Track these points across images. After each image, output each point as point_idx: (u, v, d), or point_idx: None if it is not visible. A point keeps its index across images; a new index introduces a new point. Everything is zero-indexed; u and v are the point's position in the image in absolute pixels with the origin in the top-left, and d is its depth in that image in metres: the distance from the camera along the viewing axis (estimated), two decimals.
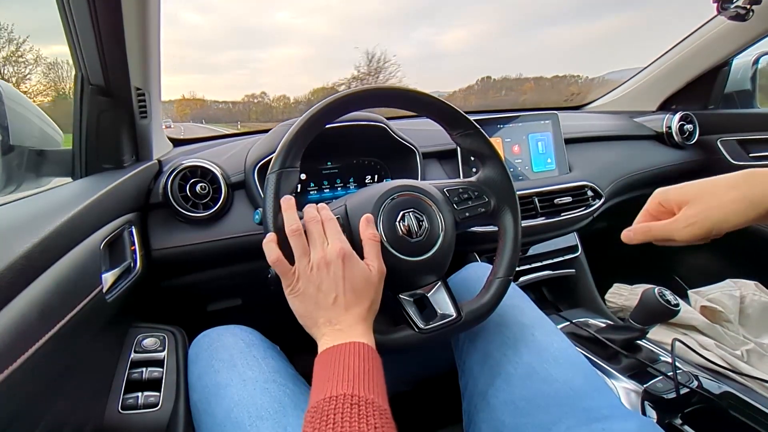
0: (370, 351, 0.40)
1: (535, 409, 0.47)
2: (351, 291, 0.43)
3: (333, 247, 0.43)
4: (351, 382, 0.35)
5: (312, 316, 0.43)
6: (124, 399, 0.55)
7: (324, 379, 0.37)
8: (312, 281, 0.42)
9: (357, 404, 0.33)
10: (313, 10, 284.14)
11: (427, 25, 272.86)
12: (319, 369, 0.38)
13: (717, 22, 1.11)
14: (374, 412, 0.33)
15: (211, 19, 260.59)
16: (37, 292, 0.38)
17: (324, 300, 0.42)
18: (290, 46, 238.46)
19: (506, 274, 0.53)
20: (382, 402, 0.35)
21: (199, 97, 13.53)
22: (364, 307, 0.43)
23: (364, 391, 0.34)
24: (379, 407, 0.34)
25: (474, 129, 0.56)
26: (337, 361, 0.38)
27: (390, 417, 0.34)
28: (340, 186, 0.86)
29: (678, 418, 0.65)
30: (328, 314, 0.42)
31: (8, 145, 0.59)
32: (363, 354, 0.39)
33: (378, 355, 0.41)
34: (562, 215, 0.93)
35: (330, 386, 0.35)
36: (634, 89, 1.38)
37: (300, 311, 0.44)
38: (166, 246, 0.68)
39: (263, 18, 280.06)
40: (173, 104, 12.68)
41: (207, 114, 10.58)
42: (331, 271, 0.42)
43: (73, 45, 0.58)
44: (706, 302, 0.87)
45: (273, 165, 0.47)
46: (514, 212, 0.56)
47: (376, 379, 0.37)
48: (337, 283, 0.42)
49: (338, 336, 0.41)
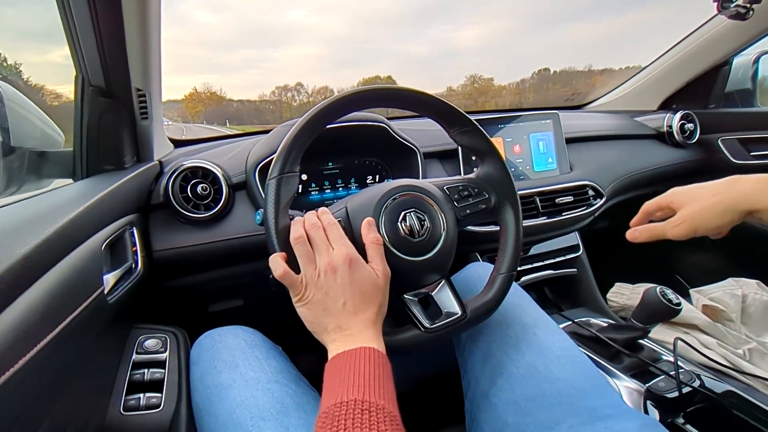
0: (380, 356, 0.39)
1: (538, 408, 0.47)
2: (359, 296, 0.42)
3: (338, 252, 0.43)
4: (362, 388, 0.35)
5: (321, 322, 0.42)
6: (126, 400, 0.55)
7: (335, 384, 0.36)
8: (320, 288, 0.42)
9: (368, 410, 0.33)
10: (326, 8, 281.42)
11: (441, 22, 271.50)
12: (329, 375, 0.38)
13: (717, 21, 1.11)
14: (385, 418, 0.33)
15: (224, 18, 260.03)
16: (39, 293, 0.38)
17: (333, 306, 0.42)
18: (302, 45, 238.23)
19: (509, 270, 0.53)
20: (392, 408, 0.35)
21: (214, 91, 12.01)
22: (373, 311, 0.43)
23: (375, 397, 0.34)
24: (389, 413, 0.34)
25: (471, 126, 0.56)
26: (347, 367, 0.37)
27: (400, 423, 0.34)
28: (341, 186, 0.86)
29: (680, 417, 0.65)
30: (338, 320, 0.42)
31: (9, 147, 0.59)
32: (374, 359, 0.38)
33: (388, 360, 0.40)
34: (564, 215, 0.93)
35: (340, 392, 0.35)
36: (634, 88, 1.38)
37: (309, 318, 0.43)
38: (168, 247, 0.68)
39: (276, 16, 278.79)
40: (179, 103, 11.60)
41: (226, 112, 9.70)
42: (338, 276, 0.42)
43: (74, 46, 0.58)
44: (707, 301, 0.87)
45: (272, 170, 0.46)
46: (515, 208, 0.56)
47: (386, 385, 0.37)
48: (345, 289, 0.42)
49: (348, 341, 0.40)
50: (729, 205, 0.48)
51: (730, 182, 0.50)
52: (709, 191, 0.50)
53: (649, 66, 1.33)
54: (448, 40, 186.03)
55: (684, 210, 0.52)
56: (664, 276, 1.32)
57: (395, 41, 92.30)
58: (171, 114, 12.65)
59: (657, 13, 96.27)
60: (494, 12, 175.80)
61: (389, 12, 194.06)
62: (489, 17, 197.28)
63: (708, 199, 0.50)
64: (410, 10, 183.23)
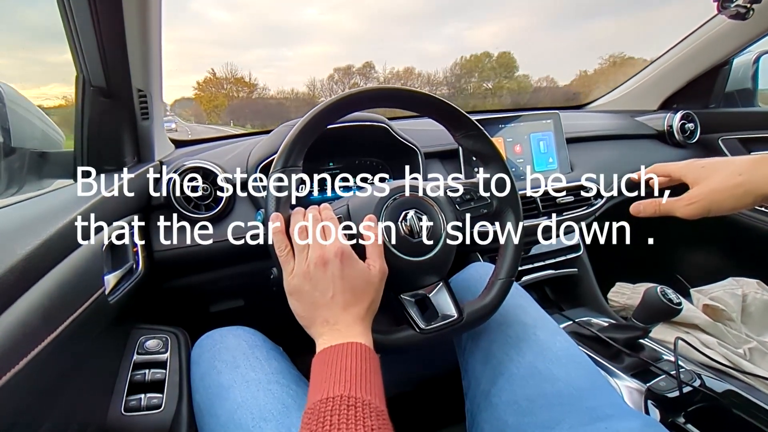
0: (367, 351, 0.39)
1: (538, 408, 0.47)
2: (350, 290, 0.42)
3: (332, 246, 0.43)
4: (348, 383, 0.35)
5: (310, 315, 0.43)
6: (127, 401, 0.55)
7: (321, 380, 0.36)
8: (309, 279, 0.42)
9: (354, 405, 0.33)
10: (340, 6, 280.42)
11: (457, 19, 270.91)
12: (316, 370, 0.38)
13: (717, 21, 1.11)
14: (371, 414, 0.33)
15: (239, 16, 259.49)
16: (40, 294, 0.38)
17: (321, 298, 0.42)
18: (317, 44, 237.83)
19: (508, 275, 0.53)
20: (379, 403, 0.35)
21: (241, 76, 8.82)
22: (363, 307, 0.43)
23: (361, 393, 0.34)
24: (376, 408, 0.34)
25: (477, 130, 0.56)
26: (334, 362, 0.37)
27: (387, 419, 0.34)
28: (342, 186, 0.86)
29: (681, 417, 0.65)
30: (326, 313, 0.42)
31: (10, 147, 0.59)
32: (361, 354, 0.38)
33: (376, 355, 0.40)
34: (564, 214, 0.94)
35: (326, 387, 0.35)
36: (635, 88, 1.38)
37: (298, 311, 0.43)
38: (168, 247, 0.68)
39: (291, 15, 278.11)
40: (192, 101, 10.77)
41: (260, 106, 7.76)
42: (329, 270, 0.42)
43: (75, 46, 0.58)
44: (708, 301, 0.87)
45: (275, 165, 0.47)
46: (516, 213, 0.56)
47: (373, 381, 0.37)
48: (335, 282, 0.42)
49: (336, 336, 0.40)
50: (750, 188, 0.43)
51: (753, 163, 0.44)
52: (731, 170, 0.44)
53: (649, 66, 1.33)
54: (464, 38, 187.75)
55: (699, 188, 0.46)
56: (664, 275, 1.32)
57: (410, 39, 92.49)
58: (185, 113, 11.78)
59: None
60: (512, 10, 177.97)
61: (404, 9, 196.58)
62: (505, 15, 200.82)
63: (729, 179, 0.44)
64: (426, 8, 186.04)
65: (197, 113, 9.73)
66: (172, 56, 25.95)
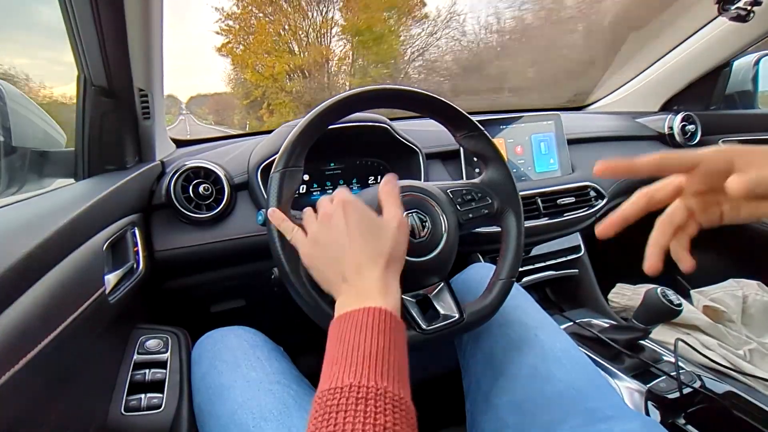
0: (387, 320, 0.34)
1: (539, 409, 0.47)
2: (358, 236, 0.39)
3: (336, 202, 0.42)
4: (360, 367, 0.30)
5: (326, 276, 0.41)
6: (127, 401, 0.55)
7: (332, 360, 0.32)
8: (316, 241, 0.42)
9: (365, 398, 0.29)
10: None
11: None
12: (330, 344, 0.34)
13: (718, 23, 1.11)
14: (385, 406, 0.28)
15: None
16: (40, 293, 0.38)
17: (333, 253, 0.40)
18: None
19: (509, 276, 0.53)
20: (397, 389, 0.30)
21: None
22: (380, 257, 0.39)
23: (374, 379, 0.30)
24: (392, 397, 0.29)
25: (478, 131, 0.56)
26: (346, 338, 0.33)
27: (407, 407, 0.30)
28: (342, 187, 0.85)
29: (681, 418, 0.65)
30: (339, 267, 0.39)
31: (11, 146, 0.59)
32: (378, 325, 0.33)
33: (400, 323, 0.36)
34: (565, 216, 0.94)
35: (336, 372, 0.31)
36: (636, 90, 1.37)
37: (317, 276, 0.43)
38: (169, 247, 0.68)
39: None
40: (208, 98, 9.73)
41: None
42: (333, 221, 0.41)
43: (76, 46, 0.58)
44: (708, 302, 0.87)
45: (277, 164, 0.47)
46: (517, 214, 0.56)
47: (391, 360, 0.32)
48: (340, 232, 0.40)
49: (352, 296, 0.37)
50: None
51: None
52: None
53: (650, 67, 1.33)
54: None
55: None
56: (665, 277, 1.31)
57: None
58: (201, 111, 11.08)
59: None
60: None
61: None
62: None
63: None
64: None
65: (217, 107, 7.96)
66: (185, 53, 22.70)
